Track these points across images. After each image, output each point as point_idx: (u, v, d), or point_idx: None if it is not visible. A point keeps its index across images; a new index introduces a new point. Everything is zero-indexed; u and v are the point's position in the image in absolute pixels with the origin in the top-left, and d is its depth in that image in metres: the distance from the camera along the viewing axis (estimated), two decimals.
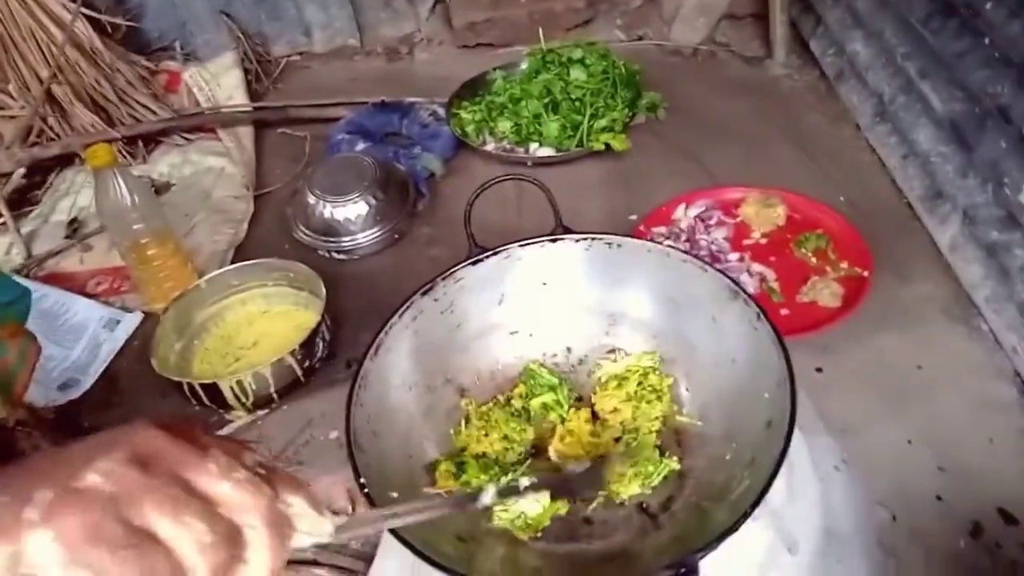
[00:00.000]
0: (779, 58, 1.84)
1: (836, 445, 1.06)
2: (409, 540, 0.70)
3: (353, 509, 1.07)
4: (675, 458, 0.87)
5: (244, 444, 0.48)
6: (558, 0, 2.00)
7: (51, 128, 1.78)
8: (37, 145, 1.75)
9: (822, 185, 1.51)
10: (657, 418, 0.91)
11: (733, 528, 0.67)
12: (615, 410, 0.93)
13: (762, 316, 0.82)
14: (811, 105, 1.74)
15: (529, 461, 0.91)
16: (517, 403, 0.94)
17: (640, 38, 2.00)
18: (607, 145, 1.58)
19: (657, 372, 0.94)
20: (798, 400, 1.00)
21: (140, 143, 1.80)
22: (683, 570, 0.62)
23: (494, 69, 1.82)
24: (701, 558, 0.65)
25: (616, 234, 0.95)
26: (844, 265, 1.33)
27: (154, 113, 1.83)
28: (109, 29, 1.87)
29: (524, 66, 1.78)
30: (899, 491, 1.05)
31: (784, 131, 1.68)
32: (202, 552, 0.42)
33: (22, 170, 1.72)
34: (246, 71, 1.98)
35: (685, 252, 0.91)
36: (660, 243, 0.94)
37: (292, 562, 1.03)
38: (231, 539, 0.44)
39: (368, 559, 0.98)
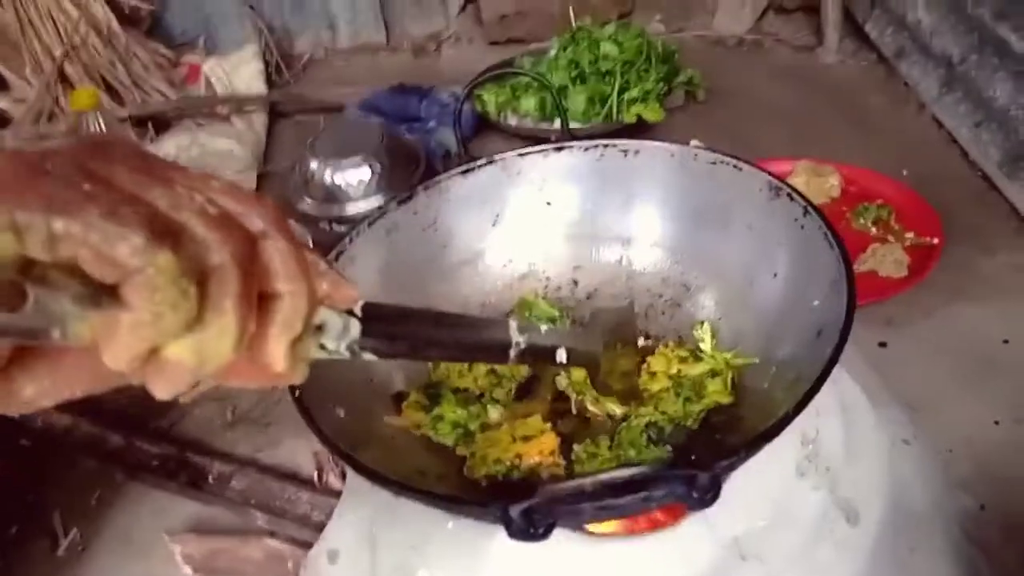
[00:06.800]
0: (831, 45, 1.69)
1: (907, 419, 0.87)
2: (371, 467, 0.55)
3: (319, 476, 0.91)
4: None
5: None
6: None
7: (61, 109, 1.71)
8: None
9: (882, 162, 1.34)
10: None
11: (764, 436, 0.49)
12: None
13: (810, 209, 0.66)
14: (868, 89, 1.58)
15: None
16: None
17: (680, 30, 1.88)
18: (640, 120, 1.44)
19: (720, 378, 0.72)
20: (863, 372, 0.83)
21: (150, 125, 1.72)
22: (698, 466, 0.44)
23: (522, 56, 1.71)
24: (726, 468, 0.47)
25: (632, 139, 0.80)
26: (910, 235, 1.15)
27: (167, 99, 1.76)
28: (130, 15, 1.83)
29: (552, 52, 1.67)
30: (987, 477, 0.85)
31: (838, 113, 1.52)
32: (212, 226, 0.28)
33: None
34: (266, 64, 1.91)
35: (716, 151, 0.75)
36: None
37: (246, 532, 0.87)
38: (246, 237, 0.30)
39: None
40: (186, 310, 0.27)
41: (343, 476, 0.90)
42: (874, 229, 1.18)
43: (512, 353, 0.45)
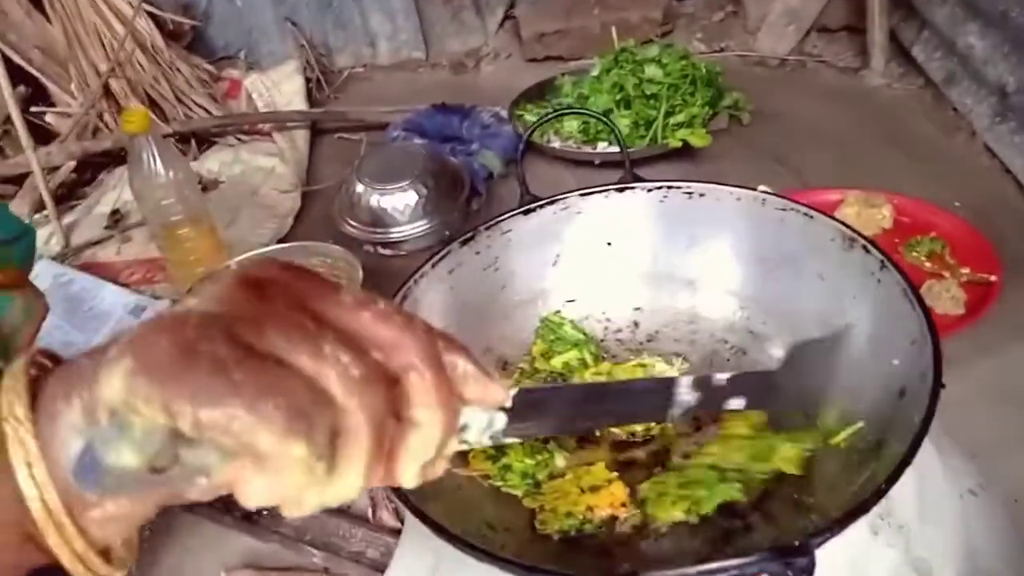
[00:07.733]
0: (877, 67, 1.67)
1: (973, 467, 0.85)
2: (441, 524, 0.54)
3: (373, 512, 0.91)
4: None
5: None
6: (633, 10, 1.89)
7: (106, 124, 1.74)
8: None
9: (933, 191, 1.31)
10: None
11: (861, 509, 0.48)
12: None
13: (887, 263, 0.65)
14: (916, 114, 1.56)
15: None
16: (541, 365, 0.78)
17: (722, 50, 1.87)
18: (684, 144, 1.43)
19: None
20: None
21: (193, 142, 1.74)
22: (797, 551, 0.44)
23: (562, 75, 1.71)
24: (819, 544, 0.47)
25: (698, 181, 0.79)
26: (966, 271, 1.13)
27: (210, 114, 1.78)
28: (173, 30, 1.85)
29: (595, 73, 1.66)
30: None
31: (886, 139, 1.50)
32: (353, 390, 0.30)
33: (72, 164, 1.66)
34: (307, 79, 1.92)
35: (784, 198, 0.74)
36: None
37: (301, 569, 0.87)
38: (388, 380, 0.31)
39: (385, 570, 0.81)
40: (313, 483, 0.30)
41: (396, 513, 0.90)
42: (928, 263, 1.16)
43: (674, 413, 0.43)
